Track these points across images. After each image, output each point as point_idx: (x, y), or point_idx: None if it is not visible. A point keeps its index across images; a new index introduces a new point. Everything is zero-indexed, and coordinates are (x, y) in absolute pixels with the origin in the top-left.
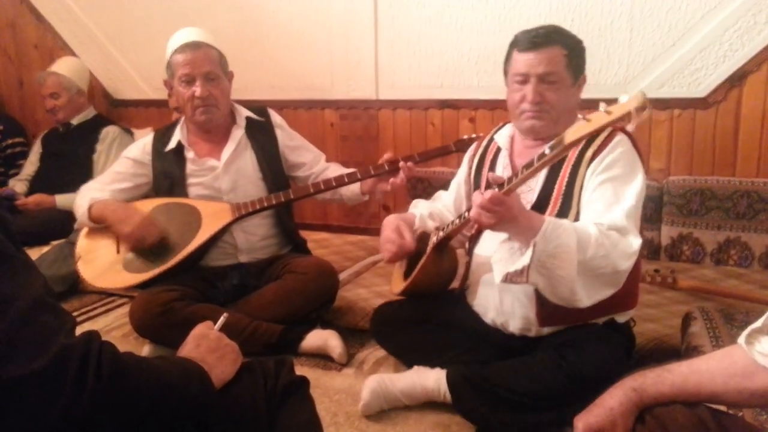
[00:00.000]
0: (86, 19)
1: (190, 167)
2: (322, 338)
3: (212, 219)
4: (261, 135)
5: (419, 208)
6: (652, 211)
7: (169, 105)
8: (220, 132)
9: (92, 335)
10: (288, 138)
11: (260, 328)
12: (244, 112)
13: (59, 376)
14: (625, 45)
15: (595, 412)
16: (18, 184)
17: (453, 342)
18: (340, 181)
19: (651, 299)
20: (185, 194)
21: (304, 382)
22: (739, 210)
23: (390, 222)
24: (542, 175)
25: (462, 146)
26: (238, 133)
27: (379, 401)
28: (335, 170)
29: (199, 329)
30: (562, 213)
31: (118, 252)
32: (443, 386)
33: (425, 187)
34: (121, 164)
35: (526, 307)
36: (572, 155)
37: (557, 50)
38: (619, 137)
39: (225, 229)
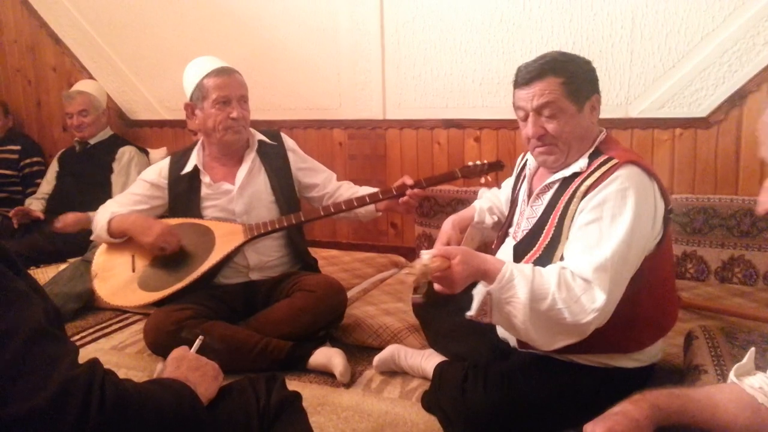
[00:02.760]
0: (103, 44)
1: (205, 191)
2: (326, 356)
3: (225, 239)
4: (274, 158)
5: (482, 200)
6: None
7: (188, 127)
8: (236, 155)
9: (94, 366)
10: (300, 161)
11: (270, 345)
12: (257, 136)
13: (62, 410)
14: (626, 67)
15: (620, 421)
16: (35, 203)
17: (465, 334)
18: (349, 205)
19: None
20: (200, 216)
21: (296, 397)
22: (742, 228)
23: (444, 231)
24: (544, 202)
25: (467, 173)
26: (251, 155)
27: (390, 366)
28: (348, 189)
29: (177, 352)
30: (553, 243)
31: (133, 270)
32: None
33: (432, 205)
34: (138, 186)
35: None
36: (573, 186)
37: (551, 80)
38: (620, 172)
39: (238, 250)
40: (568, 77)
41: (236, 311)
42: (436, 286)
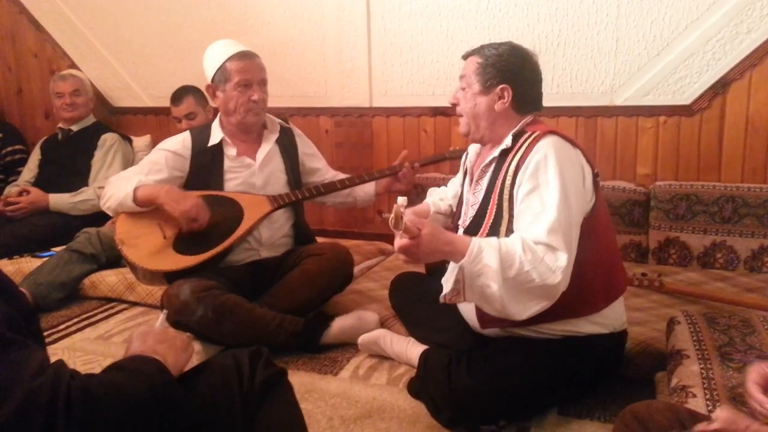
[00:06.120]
0: (85, 30)
1: (228, 163)
2: (354, 316)
3: (253, 208)
4: (286, 141)
5: (432, 197)
6: (639, 216)
7: (173, 114)
8: (254, 134)
9: (59, 371)
10: (305, 146)
11: (285, 320)
12: (276, 120)
13: (27, 421)
14: (612, 55)
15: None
16: (15, 190)
17: (442, 322)
18: (362, 179)
19: (638, 303)
20: (221, 188)
21: (282, 374)
22: (724, 214)
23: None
24: (483, 186)
25: (454, 155)
26: (273, 137)
27: (374, 348)
28: (344, 176)
29: (141, 328)
30: (496, 221)
31: (164, 237)
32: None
33: (419, 193)
34: (159, 156)
35: (471, 308)
36: (505, 164)
37: (474, 58)
38: (541, 142)
39: (266, 217)
40: (485, 60)
41: (243, 291)
42: (402, 257)
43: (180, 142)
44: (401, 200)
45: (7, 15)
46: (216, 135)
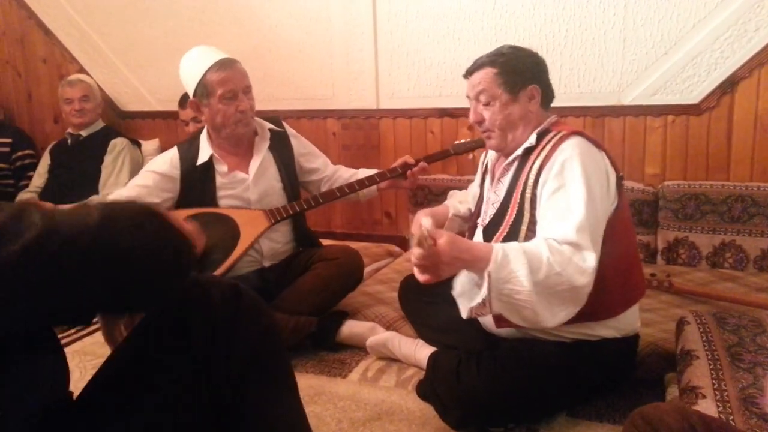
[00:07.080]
0: (93, 34)
1: (220, 180)
2: (366, 327)
3: (250, 226)
4: (280, 145)
5: (452, 199)
6: (648, 216)
7: (180, 117)
8: (245, 144)
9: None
10: (301, 146)
11: (300, 321)
12: (266, 125)
13: (41, 253)
14: (619, 54)
15: None
16: (26, 196)
17: (451, 324)
18: (362, 185)
19: (647, 303)
20: (215, 205)
21: (236, 290)
22: (733, 214)
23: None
24: (505, 184)
25: (458, 149)
26: (264, 145)
27: (383, 350)
28: (346, 171)
29: None
30: (518, 220)
31: None
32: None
33: (425, 194)
34: (147, 178)
35: None
36: (528, 162)
37: (486, 70)
38: (567, 142)
39: (262, 234)
40: (502, 68)
41: None
42: (421, 277)
43: (167, 162)
44: (426, 222)
45: (16, 20)
46: (205, 151)
